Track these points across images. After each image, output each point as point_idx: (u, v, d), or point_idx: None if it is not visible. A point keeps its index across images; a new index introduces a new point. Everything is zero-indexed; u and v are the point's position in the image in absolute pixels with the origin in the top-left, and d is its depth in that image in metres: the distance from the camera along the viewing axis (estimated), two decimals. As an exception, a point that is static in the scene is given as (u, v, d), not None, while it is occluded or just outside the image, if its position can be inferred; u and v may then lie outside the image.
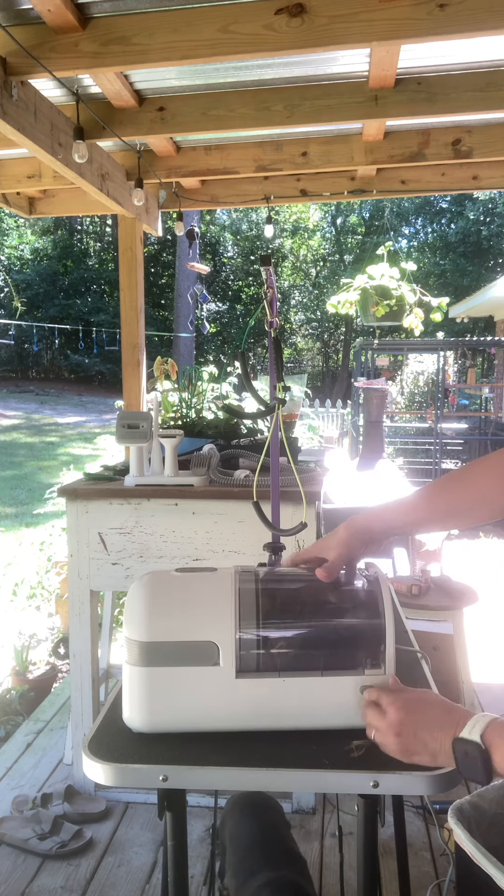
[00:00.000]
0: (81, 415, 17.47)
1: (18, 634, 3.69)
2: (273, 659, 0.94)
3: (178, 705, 0.94)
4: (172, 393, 3.18)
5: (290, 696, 0.93)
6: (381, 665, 0.94)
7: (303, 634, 0.97)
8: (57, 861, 2.11)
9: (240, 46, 2.04)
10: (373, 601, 0.96)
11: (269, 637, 0.95)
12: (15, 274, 21.90)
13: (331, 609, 0.98)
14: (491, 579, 5.00)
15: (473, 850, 0.92)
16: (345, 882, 1.97)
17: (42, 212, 3.89)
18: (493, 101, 2.50)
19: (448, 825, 2.16)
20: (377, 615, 0.95)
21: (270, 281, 1.35)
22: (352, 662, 0.95)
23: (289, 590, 1.01)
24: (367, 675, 0.94)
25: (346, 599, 0.99)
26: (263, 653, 0.94)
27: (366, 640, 0.95)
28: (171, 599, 0.96)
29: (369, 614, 0.96)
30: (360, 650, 0.95)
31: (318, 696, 0.94)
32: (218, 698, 0.93)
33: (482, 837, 0.96)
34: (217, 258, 24.13)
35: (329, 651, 0.96)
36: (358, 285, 4.26)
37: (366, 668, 0.95)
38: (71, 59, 2.12)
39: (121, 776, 0.90)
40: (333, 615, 0.98)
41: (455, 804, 1.01)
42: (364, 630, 0.96)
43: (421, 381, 14.07)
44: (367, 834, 0.99)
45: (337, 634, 0.97)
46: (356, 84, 2.58)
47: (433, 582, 2.84)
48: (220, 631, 0.93)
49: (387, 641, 0.94)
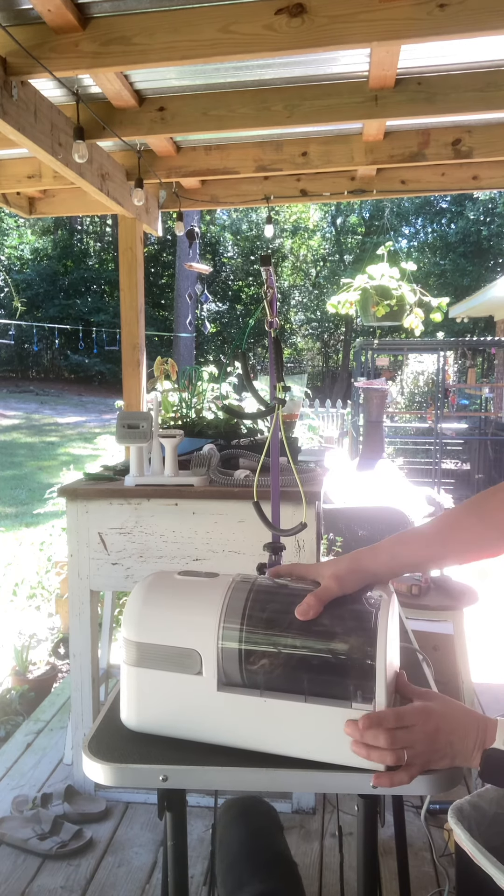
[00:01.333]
0: (81, 415, 17.48)
1: (18, 634, 3.69)
2: (255, 676, 0.91)
3: (165, 709, 0.93)
4: (172, 393, 3.19)
5: (271, 717, 0.89)
6: (372, 701, 0.86)
7: (287, 655, 0.90)
8: (57, 861, 2.11)
9: (240, 46, 2.04)
10: (369, 631, 0.87)
11: (252, 652, 0.91)
12: (15, 274, 21.90)
13: (321, 632, 0.89)
14: (491, 579, 5.00)
15: (473, 850, 0.92)
16: (345, 882, 1.97)
17: (42, 212, 3.89)
18: (493, 101, 2.50)
19: (448, 825, 2.16)
20: (370, 646, 0.86)
21: (270, 281, 1.35)
22: (339, 692, 0.88)
23: (281, 605, 0.94)
24: (355, 708, 0.86)
25: (339, 624, 0.90)
26: (246, 668, 0.91)
27: (355, 672, 0.87)
28: (164, 602, 0.95)
29: (362, 644, 0.87)
30: (349, 681, 0.87)
31: (300, 722, 0.89)
32: (201, 708, 0.92)
33: (482, 837, 0.96)
34: (217, 258, 24.13)
35: (314, 676, 0.89)
36: (358, 285, 4.26)
37: (354, 700, 0.87)
38: (71, 59, 2.12)
39: (121, 776, 0.90)
40: (323, 639, 0.89)
41: (455, 804, 1.01)
42: (354, 661, 0.87)
43: (421, 381, 14.07)
44: (367, 834, 0.99)
45: (323, 661, 0.89)
46: (356, 84, 2.58)
47: (433, 582, 2.84)
48: (204, 640, 0.91)
49: (377, 677, 0.85)
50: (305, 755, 0.89)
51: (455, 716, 0.86)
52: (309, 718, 0.88)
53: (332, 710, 0.87)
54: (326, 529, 3.70)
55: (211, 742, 0.93)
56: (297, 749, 0.90)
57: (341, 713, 0.87)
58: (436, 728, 0.84)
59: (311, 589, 0.93)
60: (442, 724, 0.85)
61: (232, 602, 0.94)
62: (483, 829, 1.02)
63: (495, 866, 0.88)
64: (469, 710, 0.88)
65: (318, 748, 0.89)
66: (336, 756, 0.88)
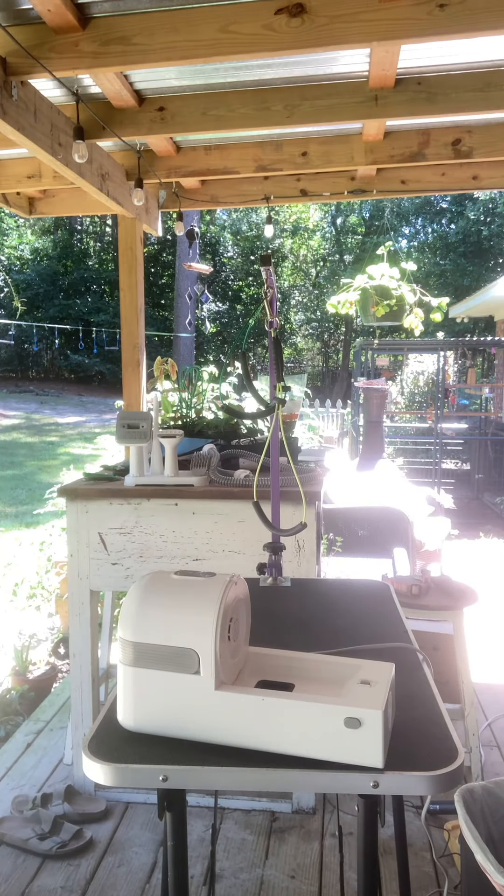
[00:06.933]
0: (81, 415, 17.47)
1: (18, 634, 3.68)
2: None
3: (163, 709, 0.93)
4: (172, 393, 3.19)
5: (270, 716, 0.90)
6: None
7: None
8: (57, 861, 2.10)
9: (240, 46, 2.04)
10: None
11: None
12: (15, 274, 21.88)
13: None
14: (491, 579, 5.00)
15: (467, 832, 0.92)
16: (345, 882, 1.97)
17: (42, 212, 3.89)
18: (493, 101, 2.50)
19: (448, 825, 2.16)
20: None
21: (270, 281, 1.35)
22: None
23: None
24: (351, 706, 0.88)
25: None
26: None
27: None
28: (160, 602, 0.95)
29: None
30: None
31: (299, 721, 0.90)
32: (199, 708, 0.92)
33: (495, 826, 0.95)
34: (217, 258, 24.11)
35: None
36: (358, 285, 4.26)
37: None
38: (71, 59, 2.12)
39: (121, 776, 0.90)
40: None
41: (466, 786, 1.00)
42: None
43: (421, 381, 14.08)
44: (367, 834, 0.98)
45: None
46: (356, 84, 2.58)
47: (433, 582, 2.84)
48: (201, 640, 0.92)
49: None
50: (304, 753, 0.90)
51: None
52: (307, 717, 0.89)
53: (331, 709, 0.88)
54: (326, 529, 3.70)
55: (209, 741, 0.93)
56: (295, 747, 0.90)
57: (340, 711, 0.87)
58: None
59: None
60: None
61: (228, 601, 0.94)
62: (498, 819, 1.01)
63: (483, 853, 0.87)
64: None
65: (317, 746, 0.89)
66: (334, 754, 0.88)
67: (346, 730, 0.87)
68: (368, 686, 0.94)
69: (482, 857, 0.87)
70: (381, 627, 1.37)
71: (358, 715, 0.87)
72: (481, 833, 1.07)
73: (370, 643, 1.26)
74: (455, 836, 2.08)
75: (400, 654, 1.21)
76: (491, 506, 8.43)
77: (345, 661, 1.03)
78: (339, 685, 0.98)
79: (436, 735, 0.97)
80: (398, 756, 0.91)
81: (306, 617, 1.41)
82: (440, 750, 0.93)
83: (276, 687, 0.94)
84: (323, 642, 1.26)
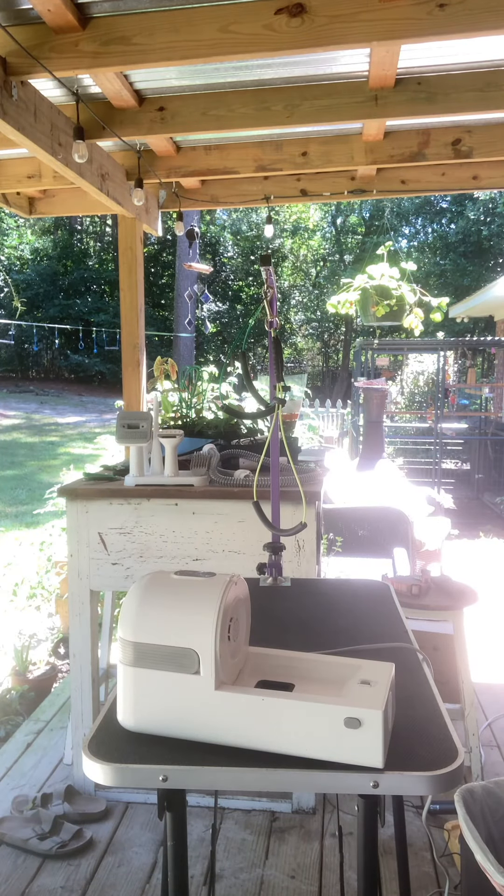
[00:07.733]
0: (81, 415, 17.47)
1: (18, 634, 3.68)
2: None
3: (163, 709, 0.93)
4: (172, 393, 3.19)
5: (270, 716, 0.91)
6: None
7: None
8: (57, 861, 2.10)
9: (240, 46, 2.04)
10: None
11: None
12: (15, 274, 21.88)
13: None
14: (491, 579, 5.00)
15: (467, 831, 0.92)
16: (345, 882, 1.97)
17: (42, 212, 3.89)
18: (493, 101, 2.50)
19: (448, 825, 2.16)
20: None
21: (270, 281, 1.35)
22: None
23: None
24: (351, 706, 0.89)
25: None
26: None
27: None
28: (160, 602, 0.95)
29: None
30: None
31: (299, 721, 0.90)
32: (199, 708, 0.92)
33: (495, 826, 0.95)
34: (217, 258, 24.11)
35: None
36: (358, 285, 4.26)
37: None
38: (71, 59, 2.12)
39: (120, 776, 0.90)
40: None
41: (466, 786, 1.00)
42: None
43: (421, 381, 14.08)
44: (367, 834, 0.98)
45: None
46: (356, 84, 2.58)
47: (433, 582, 2.84)
48: (201, 640, 0.92)
49: None
50: (304, 753, 0.90)
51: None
52: (307, 717, 0.89)
53: (331, 709, 0.88)
54: (326, 529, 3.70)
55: (209, 741, 0.93)
56: (295, 747, 0.90)
57: (340, 711, 0.87)
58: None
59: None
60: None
61: (228, 601, 0.94)
62: (498, 819, 1.01)
63: (483, 851, 0.87)
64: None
65: (317, 746, 0.89)
66: (334, 754, 0.88)
67: (346, 730, 0.87)
68: (368, 686, 0.94)
69: (482, 857, 0.87)
70: (381, 627, 1.37)
71: (358, 715, 0.87)
72: (481, 833, 1.07)
73: (370, 643, 1.26)
74: (455, 836, 2.08)
75: (400, 654, 1.21)
76: (491, 506, 8.43)
77: (345, 661, 1.03)
78: (339, 685, 0.98)
79: (436, 735, 0.97)
80: (398, 756, 0.91)
81: (306, 617, 1.41)
82: (440, 750, 0.93)
83: (276, 687, 0.94)
84: (323, 642, 1.26)
